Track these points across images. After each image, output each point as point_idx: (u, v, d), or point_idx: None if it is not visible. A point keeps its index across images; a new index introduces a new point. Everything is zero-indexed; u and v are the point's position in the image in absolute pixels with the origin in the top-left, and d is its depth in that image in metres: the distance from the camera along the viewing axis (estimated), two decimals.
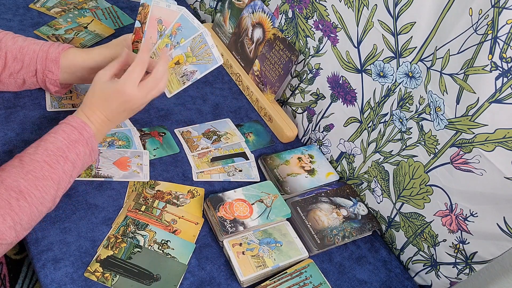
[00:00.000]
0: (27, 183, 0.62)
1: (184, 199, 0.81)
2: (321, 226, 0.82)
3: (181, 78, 0.81)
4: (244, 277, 0.71)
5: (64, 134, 0.68)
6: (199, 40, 0.77)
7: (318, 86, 0.94)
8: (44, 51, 0.77)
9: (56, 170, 0.65)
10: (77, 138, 0.69)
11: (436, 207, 0.75)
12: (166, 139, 0.90)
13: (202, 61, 0.79)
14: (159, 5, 0.78)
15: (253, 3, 1.01)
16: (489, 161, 0.64)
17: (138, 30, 0.81)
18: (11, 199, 0.60)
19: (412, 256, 0.84)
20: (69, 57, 0.78)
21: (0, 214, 0.58)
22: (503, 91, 0.60)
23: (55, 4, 1.09)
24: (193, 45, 0.78)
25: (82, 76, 0.80)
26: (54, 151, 0.66)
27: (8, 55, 0.76)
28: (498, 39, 0.58)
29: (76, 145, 0.68)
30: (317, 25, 0.89)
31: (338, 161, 0.95)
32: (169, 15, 0.79)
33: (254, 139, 0.98)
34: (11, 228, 0.60)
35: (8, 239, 0.60)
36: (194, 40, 0.78)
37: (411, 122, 0.76)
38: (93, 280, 0.67)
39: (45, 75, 0.79)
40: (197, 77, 0.80)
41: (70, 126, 0.69)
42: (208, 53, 0.78)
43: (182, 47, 0.79)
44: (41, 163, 0.64)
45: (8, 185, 0.61)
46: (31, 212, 0.62)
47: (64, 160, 0.67)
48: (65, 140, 0.67)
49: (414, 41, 0.72)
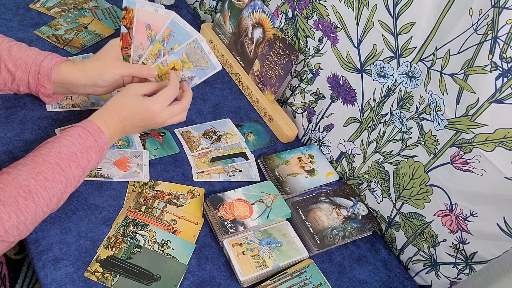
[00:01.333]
0: (37, 183, 0.62)
1: (184, 199, 0.81)
2: (321, 226, 0.82)
3: (179, 83, 0.80)
4: (244, 277, 0.71)
5: (79, 139, 0.68)
6: (194, 46, 0.76)
7: (318, 86, 0.94)
8: (36, 65, 0.76)
9: (67, 174, 0.66)
10: (91, 145, 0.69)
11: (436, 207, 0.75)
12: (166, 139, 0.90)
13: (200, 67, 0.78)
14: (145, 9, 0.76)
15: (253, 3, 1.01)
16: (489, 161, 0.64)
17: (125, 36, 0.80)
18: (19, 197, 0.60)
19: (412, 256, 0.84)
20: (61, 73, 0.77)
21: (6, 211, 0.59)
22: (503, 91, 0.60)
23: (55, 4, 1.09)
24: (188, 51, 0.77)
25: (75, 90, 0.80)
26: (67, 155, 0.66)
27: (1, 66, 0.76)
28: (498, 39, 0.58)
29: (89, 152, 0.69)
30: (317, 25, 0.89)
31: (338, 161, 0.95)
32: (158, 20, 0.76)
33: (254, 139, 0.98)
34: (15, 226, 0.60)
35: (11, 237, 0.60)
36: (188, 46, 0.77)
37: (411, 122, 0.76)
38: (93, 280, 0.67)
39: (38, 89, 0.79)
40: (196, 82, 0.80)
41: (86, 131, 0.69)
42: (205, 59, 0.77)
43: (176, 53, 0.78)
44: (53, 165, 0.64)
45: (18, 183, 0.61)
46: (36, 212, 0.63)
47: (76, 165, 0.67)
48: (80, 145, 0.68)
49: (414, 41, 0.72)
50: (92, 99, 0.91)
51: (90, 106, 0.89)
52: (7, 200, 0.59)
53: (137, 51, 0.80)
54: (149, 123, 0.76)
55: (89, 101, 0.90)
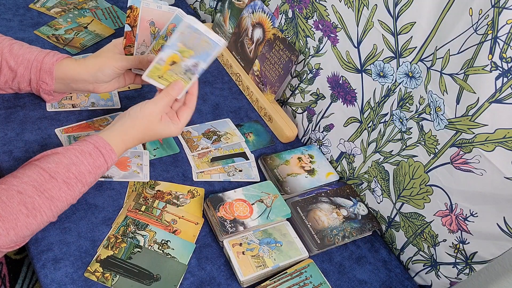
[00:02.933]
0: (42, 201, 0.62)
1: (184, 199, 0.81)
2: (321, 226, 0.82)
3: (184, 75, 0.75)
4: (244, 277, 0.71)
5: (90, 158, 0.67)
6: (189, 31, 0.70)
7: (318, 86, 0.94)
8: (38, 61, 0.76)
9: (73, 193, 0.66)
10: (100, 165, 0.69)
11: (436, 207, 0.75)
12: (166, 139, 0.90)
13: (202, 49, 0.73)
14: (149, 6, 0.76)
15: (253, 3, 1.01)
16: (489, 161, 0.64)
17: (129, 34, 0.80)
18: (20, 214, 0.60)
19: (412, 256, 0.84)
20: (63, 69, 0.77)
21: (5, 227, 0.58)
22: (503, 91, 0.60)
23: (55, 4, 1.09)
24: (184, 39, 0.71)
25: (76, 87, 0.80)
26: (75, 174, 0.65)
27: (3, 63, 0.76)
28: (498, 39, 0.58)
29: (97, 171, 0.69)
30: (317, 25, 0.89)
31: (338, 161, 0.95)
32: (161, 16, 0.76)
33: (254, 139, 0.98)
34: (12, 241, 0.60)
35: (9, 248, 0.61)
36: (182, 34, 0.71)
37: (411, 122, 0.76)
38: (93, 280, 0.67)
39: (39, 86, 0.79)
40: (203, 67, 0.74)
41: (98, 151, 0.68)
42: (205, 40, 0.71)
43: (170, 46, 0.72)
44: (60, 184, 0.64)
45: (22, 199, 0.60)
46: (37, 228, 0.63)
47: (82, 184, 0.67)
48: (89, 166, 0.67)
49: (414, 41, 0.72)
50: (92, 99, 0.91)
51: (90, 106, 0.89)
52: (7, 216, 0.59)
53: (140, 49, 0.80)
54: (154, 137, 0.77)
55: (89, 101, 0.90)
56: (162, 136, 0.77)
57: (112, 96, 0.93)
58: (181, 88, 0.76)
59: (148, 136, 0.75)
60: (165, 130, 0.75)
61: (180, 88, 0.76)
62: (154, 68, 0.74)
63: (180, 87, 0.75)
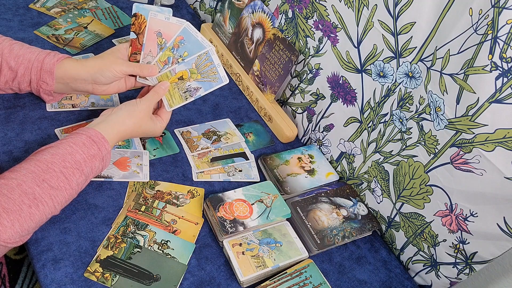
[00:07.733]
0: (42, 191, 0.62)
1: (184, 199, 0.81)
2: (321, 226, 0.82)
3: (184, 93, 0.81)
4: (244, 277, 0.71)
5: (84, 147, 0.68)
6: (205, 58, 0.77)
7: (318, 86, 0.94)
8: (39, 61, 0.77)
9: (71, 182, 0.66)
10: (95, 154, 0.69)
11: (436, 207, 0.75)
12: (166, 139, 0.90)
13: (207, 79, 0.78)
14: (157, 17, 0.77)
15: (253, 3, 1.01)
16: (489, 161, 0.64)
17: (134, 42, 0.80)
18: (23, 205, 0.60)
19: (412, 256, 0.84)
20: (63, 69, 0.78)
21: (10, 219, 0.59)
22: (503, 91, 0.60)
23: (55, 4, 1.09)
24: (199, 62, 0.78)
25: (76, 87, 0.80)
26: (71, 163, 0.66)
27: (3, 64, 0.76)
28: (498, 39, 0.58)
29: (93, 160, 0.69)
30: (317, 25, 0.89)
31: (338, 161, 0.95)
32: (169, 28, 0.77)
33: (254, 139, 0.98)
34: (17, 233, 0.60)
35: (13, 243, 0.61)
36: (199, 57, 0.77)
37: (411, 122, 0.76)
38: (93, 280, 0.67)
39: (39, 86, 0.79)
40: (201, 94, 0.80)
41: (90, 140, 0.69)
42: (214, 72, 0.78)
43: (186, 63, 0.78)
44: (57, 173, 0.64)
45: (23, 190, 0.61)
46: (40, 219, 0.63)
47: (79, 173, 0.67)
48: (84, 154, 0.68)
49: (414, 41, 0.72)
50: (91, 99, 0.91)
51: (90, 106, 0.89)
52: (11, 208, 0.59)
53: (146, 59, 0.81)
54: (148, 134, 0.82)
55: (89, 101, 0.90)
56: (148, 133, 0.81)
57: (112, 96, 0.93)
58: (167, 88, 0.81)
59: (139, 132, 0.79)
60: (152, 128, 0.80)
61: (165, 88, 0.81)
62: (164, 75, 0.81)
63: (166, 87, 0.81)
